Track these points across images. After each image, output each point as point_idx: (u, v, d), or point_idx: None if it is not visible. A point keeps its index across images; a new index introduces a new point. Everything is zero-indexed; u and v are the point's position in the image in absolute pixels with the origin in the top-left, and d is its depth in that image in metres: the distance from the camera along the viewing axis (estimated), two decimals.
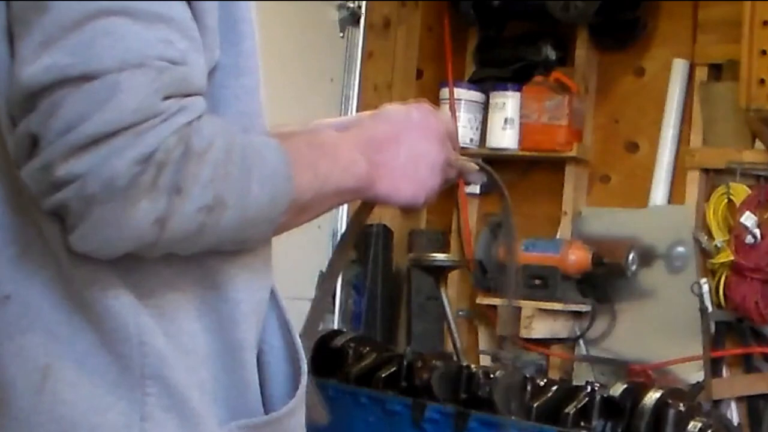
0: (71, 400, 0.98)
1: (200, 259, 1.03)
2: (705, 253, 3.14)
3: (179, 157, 0.92)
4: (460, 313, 3.53)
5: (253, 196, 0.98)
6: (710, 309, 3.06)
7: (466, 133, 3.47)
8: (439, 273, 3.05)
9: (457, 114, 3.43)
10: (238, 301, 1.06)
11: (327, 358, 2.83)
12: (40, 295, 1.00)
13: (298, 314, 1.20)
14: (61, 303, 1.00)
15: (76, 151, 0.90)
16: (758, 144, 3.08)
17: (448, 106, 3.42)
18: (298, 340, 1.14)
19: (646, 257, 3.25)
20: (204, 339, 1.04)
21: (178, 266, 1.02)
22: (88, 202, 0.91)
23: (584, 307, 3.31)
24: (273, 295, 1.14)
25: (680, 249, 3.21)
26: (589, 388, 2.45)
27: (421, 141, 1.15)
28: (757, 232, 3.00)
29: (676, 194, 3.27)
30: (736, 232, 3.02)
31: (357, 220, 1.35)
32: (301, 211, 1.06)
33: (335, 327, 3.41)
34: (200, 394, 1.02)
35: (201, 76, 0.98)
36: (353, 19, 3.61)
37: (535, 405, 2.45)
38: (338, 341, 2.89)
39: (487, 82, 3.51)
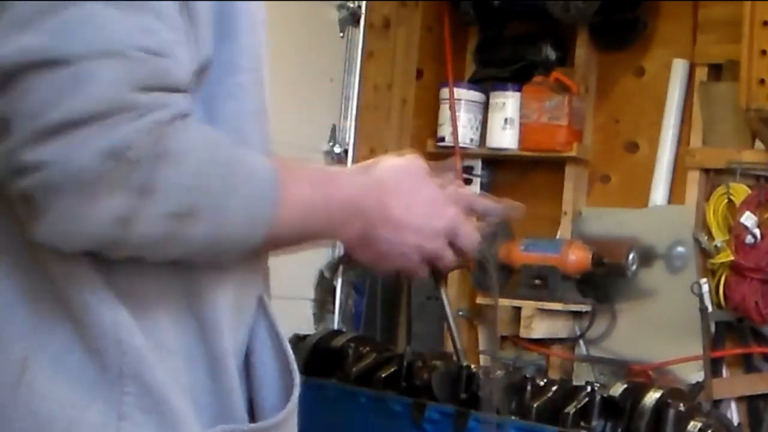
0: (48, 395, 0.96)
1: (185, 262, 1.01)
2: (705, 253, 3.13)
3: (153, 157, 0.89)
4: (460, 313, 3.53)
5: (230, 214, 0.94)
6: (710, 309, 3.06)
7: (466, 133, 3.47)
8: (439, 273, 3.04)
9: (457, 114, 3.43)
10: (221, 306, 1.04)
11: (327, 358, 2.83)
12: (20, 288, 0.98)
13: (298, 314, 1.20)
14: (42, 297, 0.98)
15: (43, 137, 0.87)
16: (758, 144, 3.08)
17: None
18: (291, 353, 1.12)
19: (646, 257, 3.25)
20: (185, 342, 1.02)
21: (162, 267, 0.99)
22: (51, 192, 0.88)
23: (584, 307, 3.31)
24: (262, 305, 1.12)
25: (680, 249, 3.20)
26: (589, 388, 2.44)
27: (422, 243, 1.16)
28: (757, 232, 2.99)
29: (676, 194, 3.26)
30: (736, 232, 3.02)
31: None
32: (275, 244, 1.03)
33: (335, 327, 3.41)
34: (181, 396, 1.00)
35: (185, 70, 0.94)
36: (353, 19, 3.61)
37: (535, 405, 2.44)
38: (338, 341, 2.88)
39: (487, 82, 3.51)
